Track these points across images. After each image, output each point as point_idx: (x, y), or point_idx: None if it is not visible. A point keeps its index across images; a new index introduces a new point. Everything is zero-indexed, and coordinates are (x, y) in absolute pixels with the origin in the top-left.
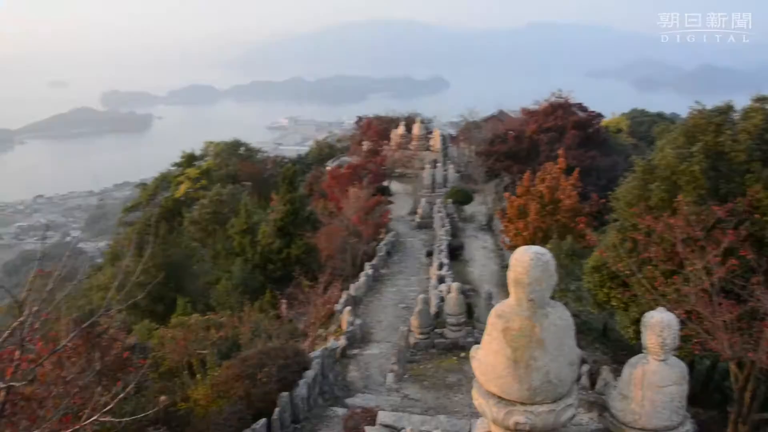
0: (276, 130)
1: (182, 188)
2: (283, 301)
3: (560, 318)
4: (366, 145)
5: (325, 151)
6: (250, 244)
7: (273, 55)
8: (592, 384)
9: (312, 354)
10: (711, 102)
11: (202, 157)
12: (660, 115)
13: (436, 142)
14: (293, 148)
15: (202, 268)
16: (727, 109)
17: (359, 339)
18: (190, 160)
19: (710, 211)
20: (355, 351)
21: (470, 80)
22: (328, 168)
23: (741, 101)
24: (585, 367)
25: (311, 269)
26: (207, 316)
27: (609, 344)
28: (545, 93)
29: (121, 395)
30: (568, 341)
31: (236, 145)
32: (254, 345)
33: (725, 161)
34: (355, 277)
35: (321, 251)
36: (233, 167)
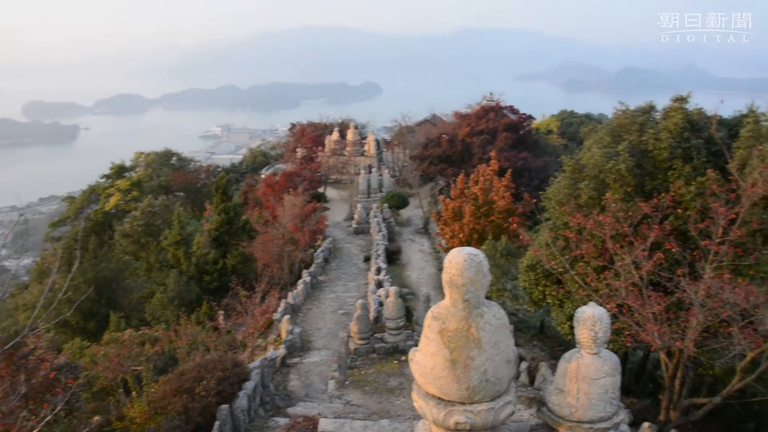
0: (209, 138)
1: (112, 200)
2: (220, 312)
3: (495, 317)
4: (300, 152)
5: (259, 159)
6: (185, 255)
7: (205, 62)
8: (531, 380)
9: (251, 365)
10: (635, 102)
11: (132, 168)
12: (588, 116)
13: (370, 147)
14: (227, 156)
15: (136, 282)
16: (649, 108)
17: (299, 347)
18: (119, 171)
19: (637, 208)
20: (296, 359)
21: (404, 85)
22: (263, 176)
23: (662, 101)
24: (524, 364)
25: (248, 279)
26: (141, 331)
27: (546, 341)
28: (477, 97)
29: (49, 418)
30: (504, 339)
31: (168, 154)
32: (191, 358)
33: (649, 159)
34: (292, 285)
35: (257, 260)
36: (165, 178)
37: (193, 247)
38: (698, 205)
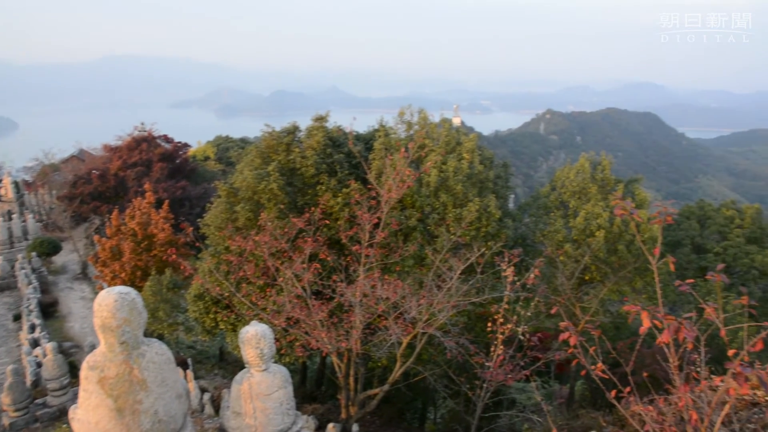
0: None
1: None
2: None
3: (158, 354)
4: None
5: None
6: None
7: None
8: (217, 410)
9: None
10: (286, 124)
11: None
12: (244, 140)
13: (7, 190)
14: None
15: None
16: (294, 129)
17: None
18: None
19: (291, 224)
20: None
21: (44, 119)
22: None
23: (309, 122)
24: (207, 395)
25: None
26: None
27: (228, 367)
28: (129, 127)
29: None
30: (170, 375)
31: None
32: None
33: (298, 176)
34: None
35: None
36: None
37: None
38: (346, 215)
